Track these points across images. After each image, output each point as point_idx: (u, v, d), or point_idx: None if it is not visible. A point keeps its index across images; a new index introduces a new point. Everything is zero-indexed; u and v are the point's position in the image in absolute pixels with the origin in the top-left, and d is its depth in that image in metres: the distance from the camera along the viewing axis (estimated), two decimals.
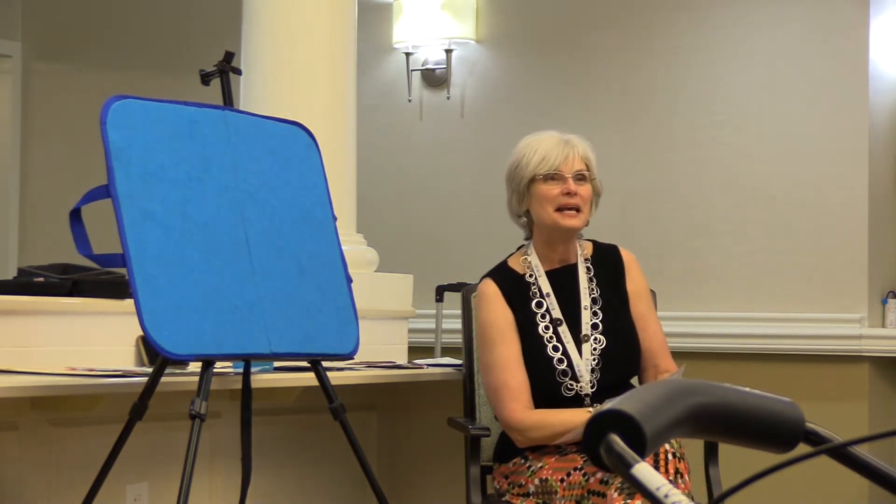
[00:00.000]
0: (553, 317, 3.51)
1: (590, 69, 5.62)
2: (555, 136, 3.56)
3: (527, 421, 3.42)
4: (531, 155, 3.51)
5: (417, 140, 5.98)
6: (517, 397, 3.44)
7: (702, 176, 5.36)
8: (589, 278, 3.58)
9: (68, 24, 6.89)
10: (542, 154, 3.50)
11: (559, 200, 3.49)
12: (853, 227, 5.10)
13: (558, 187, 3.49)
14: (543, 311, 3.52)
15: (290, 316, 3.23)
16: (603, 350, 3.48)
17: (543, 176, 3.49)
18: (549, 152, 3.50)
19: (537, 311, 3.52)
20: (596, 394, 3.46)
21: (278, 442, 4.14)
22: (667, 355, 3.61)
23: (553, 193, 3.49)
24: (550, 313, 3.52)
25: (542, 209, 3.50)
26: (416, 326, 5.12)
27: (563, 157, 3.50)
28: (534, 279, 3.56)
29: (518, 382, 3.46)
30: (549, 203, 3.49)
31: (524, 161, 3.52)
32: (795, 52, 5.23)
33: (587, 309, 3.53)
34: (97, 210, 3.17)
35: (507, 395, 3.44)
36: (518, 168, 3.53)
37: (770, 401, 1.22)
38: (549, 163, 3.49)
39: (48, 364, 3.52)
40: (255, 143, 3.34)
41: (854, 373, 5.08)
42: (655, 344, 3.59)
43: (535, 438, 3.42)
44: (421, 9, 5.87)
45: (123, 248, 2.94)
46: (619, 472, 1.04)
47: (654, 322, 3.62)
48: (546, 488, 3.37)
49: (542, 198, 3.50)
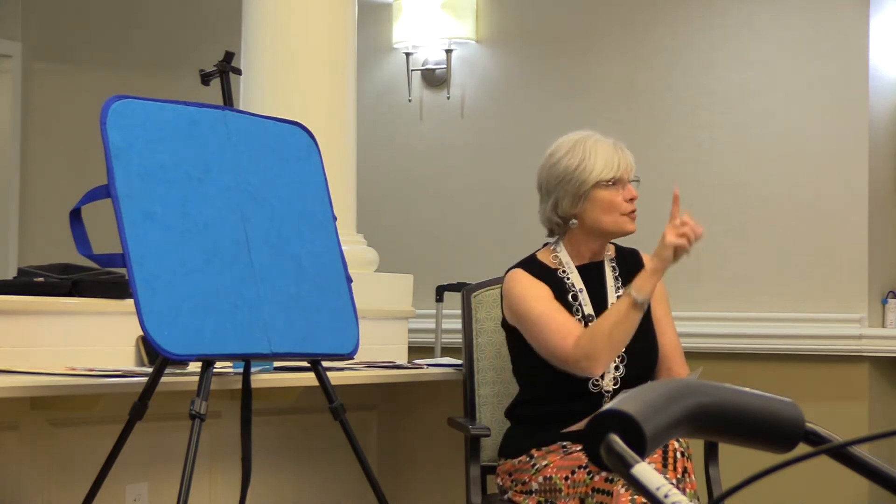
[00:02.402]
0: (585, 313, 3.54)
1: (590, 69, 5.62)
2: (603, 140, 3.57)
3: (575, 348, 3.41)
4: (592, 160, 3.51)
5: (417, 140, 5.98)
6: (566, 337, 3.43)
7: (701, 176, 5.36)
8: (615, 277, 3.62)
9: (68, 24, 6.89)
10: (603, 160, 3.52)
11: (624, 206, 3.54)
12: (853, 227, 5.10)
13: (620, 193, 3.53)
14: (578, 304, 3.55)
15: (290, 316, 3.23)
16: (627, 348, 3.50)
17: (607, 182, 3.52)
18: (609, 158, 3.53)
19: (572, 304, 3.55)
20: (617, 391, 3.50)
21: (278, 442, 4.14)
22: (681, 360, 3.66)
23: (618, 199, 3.53)
24: (583, 309, 3.55)
25: (605, 214, 3.52)
26: (416, 326, 5.12)
27: (624, 164, 3.55)
28: (566, 275, 3.58)
29: (571, 324, 3.46)
30: (614, 208, 3.52)
31: (585, 166, 3.51)
32: (795, 52, 5.23)
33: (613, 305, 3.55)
34: (97, 210, 3.17)
35: (561, 337, 3.44)
36: (576, 171, 3.51)
37: (770, 401, 1.22)
38: (613, 169, 3.52)
39: (48, 364, 3.52)
40: (255, 143, 3.34)
41: (854, 373, 5.08)
42: (670, 348, 3.64)
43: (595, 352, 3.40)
44: (421, 9, 5.87)
45: (123, 248, 2.94)
46: (619, 472, 1.04)
47: (670, 326, 3.67)
48: (550, 486, 3.37)
49: (605, 203, 3.51)
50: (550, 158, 3.58)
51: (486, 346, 3.88)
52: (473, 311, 3.90)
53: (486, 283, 3.96)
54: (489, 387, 3.86)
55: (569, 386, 3.49)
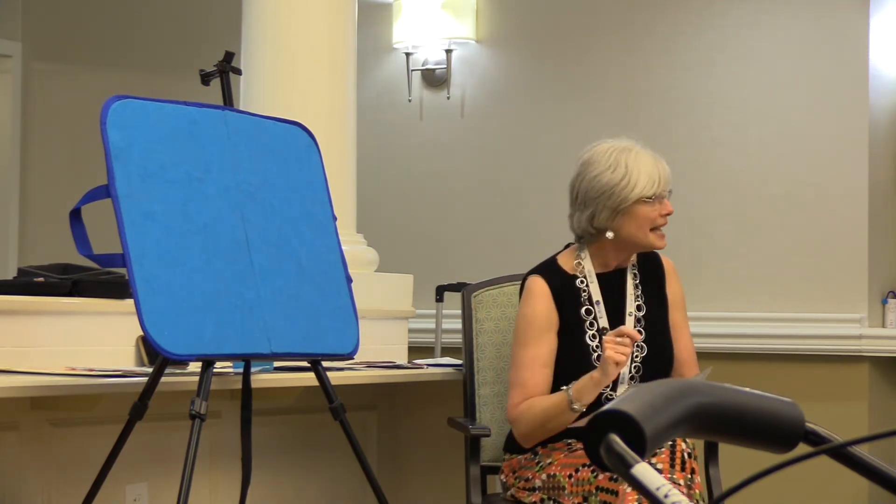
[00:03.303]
0: (600, 325, 3.51)
1: (590, 69, 5.62)
2: (643, 152, 3.51)
3: (516, 411, 3.47)
4: (636, 175, 3.45)
5: (417, 140, 5.98)
6: (521, 395, 3.48)
7: (702, 176, 5.35)
8: (635, 284, 3.59)
9: (68, 24, 6.89)
10: (647, 175, 3.46)
11: (658, 221, 3.50)
12: (853, 227, 5.10)
13: (657, 209, 3.49)
14: (592, 318, 3.52)
15: (290, 316, 3.23)
16: (644, 358, 3.50)
17: (648, 198, 3.47)
18: (652, 174, 3.47)
19: (586, 318, 3.52)
20: None
21: (278, 442, 4.14)
22: (695, 366, 3.65)
23: (654, 215, 3.48)
24: (598, 321, 3.52)
25: (640, 229, 3.48)
26: (416, 326, 5.12)
27: (664, 179, 3.50)
28: (584, 284, 3.55)
29: (535, 383, 3.48)
30: (648, 223, 3.48)
31: (629, 181, 3.45)
32: (795, 52, 5.23)
33: (631, 315, 3.54)
34: (97, 210, 3.17)
35: (520, 391, 3.48)
36: (619, 186, 3.45)
37: (770, 401, 1.22)
38: (656, 186, 3.47)
39: (48, 364, 3.52)
40: (255, 143, 3.34)
41: (854, 373, 5.08)
42: (685, 354, 3.63)
43: (526, 428, 3.45)
44: (421, 9, 5.87)
45: (123, 248, 2.94)
46: (619, 472, 1.04)
47: (686, 332, 3.66)
48: (553, 484, 3.38)
49: (643, 218, 3.47)
50: (589, 169, 3.50)
51: (486, 346, 3.87)
52: (473, 311, 3.90)
53: (486, 283, 3.96)
54: (489, 387, 3.86)
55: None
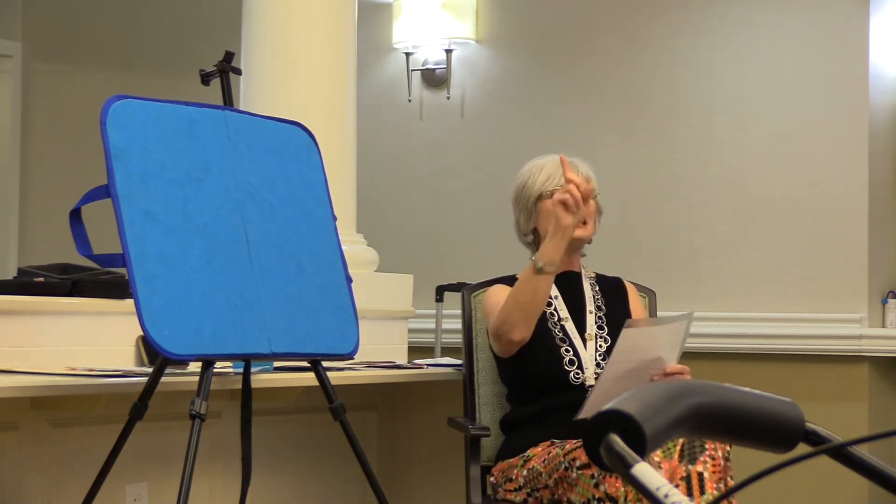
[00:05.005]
0: (560, 315, 3.65)
1: (590, 69, 5.62)
2: (553, 158, 3.71)
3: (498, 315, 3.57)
4: (536, 174, 3.69)
5: (417, 140, 5.98)
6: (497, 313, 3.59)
7: (702, 176, 5.36)
8: (593, 288, 3.74)
9: (68, 24, 6.89)
10: (547, 173, 3.68)
11: None
12: (853, 227, 5.10)
13: None
14: (552, 310, 3.66)
15: (290, 316, 3.23)
16: (609, 349, 3.55)
17: (550, 192, 3.62)
18: (553, 171, 3.67)
19: (546, 309, 3.64)
20: None
21: (278, 442, 4.14)
22: None
23: None
24: (558, 312, 3.66)
25: (549, 223, 3.57)
26: (416, 326, 5.12)
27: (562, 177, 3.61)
28: None
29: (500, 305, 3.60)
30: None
31: (529, 181, 3.69)
32: (795, 51, 5.23)
33: (592, 313, 3.68)
34: (97, 210, 3.17)
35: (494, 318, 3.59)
36: (524, 188, 3.70)
37: (770, 401, 1.22)
38: (555, 180, 3.65)
39: (48, 364, 3.52)
40: (255, 143, 3.34)
41: (854, 373, 5.08)
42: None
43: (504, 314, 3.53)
44: (421, 9, 5.87)
45: (123, 248, 2.94)
46: (619, 472, 1.04)
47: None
48: (532, 475, 3.42)
49: (549, 212, 3.59)
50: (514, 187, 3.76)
51: (485, 346, 3.87)
52: (473, 311, 3.91)
53: (486, 283, 3.96)
54: (489, 387, 3.86)
55: (551, 381, 3.57)
